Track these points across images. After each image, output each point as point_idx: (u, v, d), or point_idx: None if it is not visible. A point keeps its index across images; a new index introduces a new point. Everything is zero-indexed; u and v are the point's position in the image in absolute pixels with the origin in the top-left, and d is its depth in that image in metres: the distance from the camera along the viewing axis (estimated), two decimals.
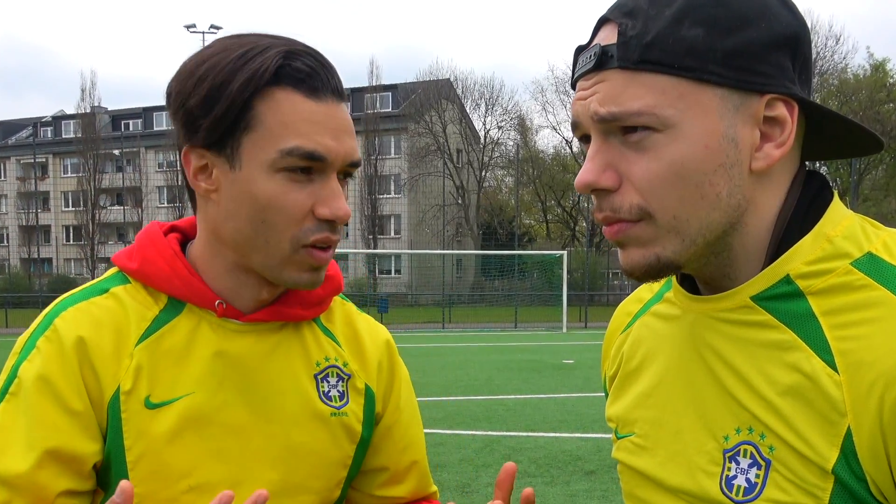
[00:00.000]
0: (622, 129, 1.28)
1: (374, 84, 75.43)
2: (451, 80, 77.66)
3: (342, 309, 1.92)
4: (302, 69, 1.55)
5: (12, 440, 1.52)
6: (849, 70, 65.34)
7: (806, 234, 1.32)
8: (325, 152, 1.54)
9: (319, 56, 1.61)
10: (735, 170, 1.29)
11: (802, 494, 1.24)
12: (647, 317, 1.63)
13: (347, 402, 1.80)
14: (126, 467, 1.58)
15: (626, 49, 1.25)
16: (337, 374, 1.80)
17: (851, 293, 1.25)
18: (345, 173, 1.63)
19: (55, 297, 1.76)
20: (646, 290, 1.68)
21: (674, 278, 1.53)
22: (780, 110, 1.28)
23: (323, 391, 1.77)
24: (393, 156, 75.21)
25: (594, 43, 1.31)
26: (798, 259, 1.30)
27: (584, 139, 1.37)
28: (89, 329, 1.60)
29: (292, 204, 1.55)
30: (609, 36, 1.29)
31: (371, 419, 1.85)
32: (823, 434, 1.23)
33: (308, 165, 1.55)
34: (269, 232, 1.57)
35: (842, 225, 1.32)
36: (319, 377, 1.77)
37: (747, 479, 1.31)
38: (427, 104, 73.20)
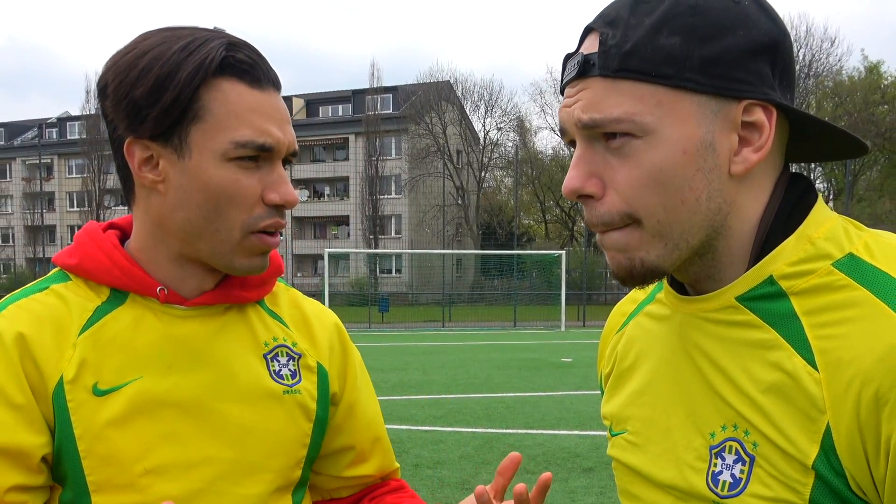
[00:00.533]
0: (604, 136, 1.30)
1: (374, 86, 75.38)
2: (451, 82, 77.68)
3: (287, 294, 1.93)
4: (245, 60, 1.57)
5: None
6: (843, 72, 65.26)
7: (789, 235, 1.33)
8: (273, 143, 1.58)
9: (256, 49, 1.64)
10: (714, 174, 1.30)
11: (784, 489, 1.26)
12: (641, 317, 1.64)
13: (300, 381, 1.80)
14: (79, 456, 1.57)
15: (606, 58, 1.28)
16: (287, 353, 1.81)
17: (832, 293, 1.27)
18: (285, 161, 1.66)
19: None
20: (640, 291, 1.67)
21: (665, 281, 1.54)
22: (758, 115, 1.30)
23: (273, 370, 1.77)
24: (393, 157, 75.12)
25: (579, 51, 1.34)
26: (781, 260, 1.32)
27: (572, 144, 1.39)
28: (29, 325, 1.60)
29: (244, 191, 1.57)
30: (592, 45, 1.32)
31: (326, 398, 1.86)
32: (804, 430, 1.25)
33: (255, 154, 1.57)
34: (220, 220, 1.59)
35: (824, 226, 1.33)
36: (269, 356, 1.78)
37: (732, 475, 1.33)
38: (427, 106, 73.11)
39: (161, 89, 1.52)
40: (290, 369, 1.80)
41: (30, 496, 1.56)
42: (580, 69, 1.32)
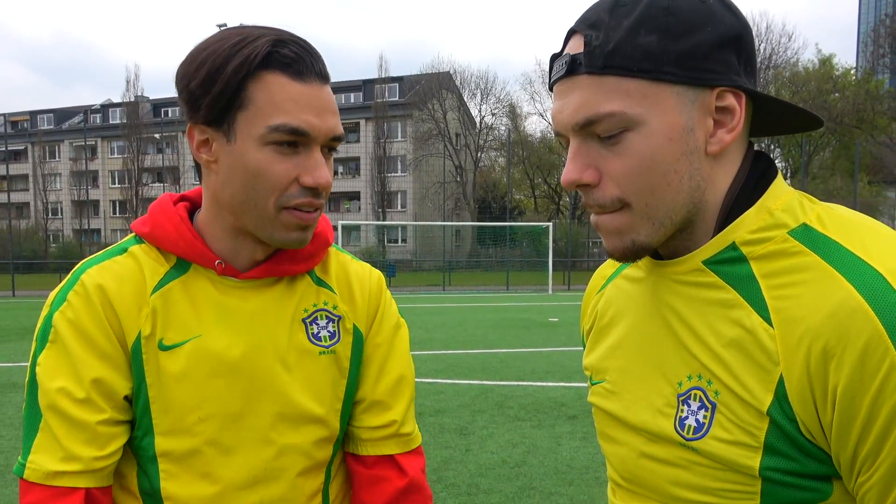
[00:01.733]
0: (594, 130, 1.31)
1: (382, 76, 75.76)
2: (451, 72, 77.71)
3: (337, 260, 1.92)
4: (288, 55, 1.56)
5: (60, 377, 1.59)
6: (800, 64, 66.21)
7: (751, 207, 1.35)
8: (308, 128, 1.57)
9: (305, 44, 1.63)
10: (694, 156, 1.31)
11: (742, 433, 1.27)
12: (619, 279, 1.65)
13: (338, 341, 1.81)
14: (149, 402, 1.63)
15: (591, 57, 1.28)
16: (326, 315, 1.82)
17: (787, 258, 1.29)
18: (328, 147, 1.66)
19: None
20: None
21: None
22: (730, 100, 1.31)
23: (312, 333, 1.78)
24: (399, 139, 75.52)
25: (565, 52, 1.35)
26: (743, 229, 1.34)
27: (566, 139, 1.39)
28: (111, 282, 1.65)
29: (277, 173, 1.58)
30: (577, 46, 1.32)
31: (359, 356, 1.86)
32: (760, 381, 1.26)
33: (293, 140, 1.57)
34: (257, 196, 1.60)
35: (782, 199, 1.35)
36: (307, 321, 1.79)
37: (696, 420, 1.34)
38: (429, 94, 73.22)
39: (212, 81, 1.55)
40: (328, 331, 1.81)
41: (118, 429, 1.63)
42: (568, 68, 1.32)
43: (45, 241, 72.71)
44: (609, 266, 1.75)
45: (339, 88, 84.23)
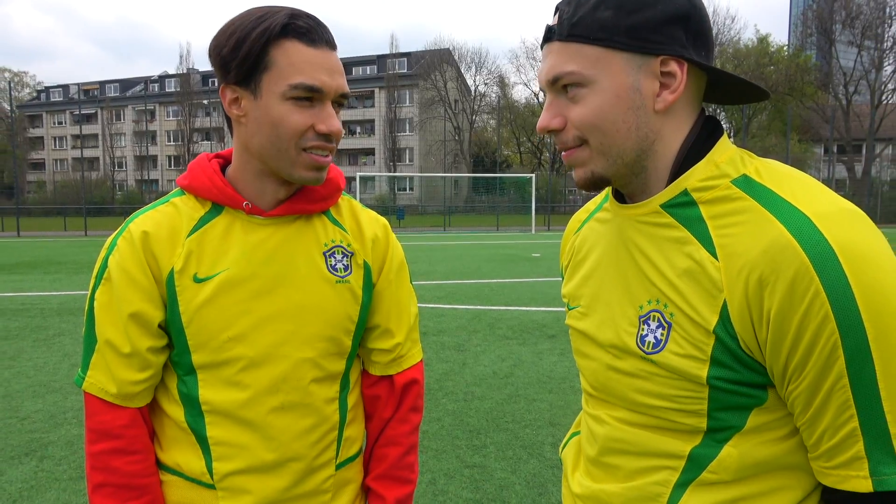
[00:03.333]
0: (564, 88, 1.36)
1: (393, 52, 76.97)
2: (451, 49, 78.07)
3: (348, 205, 1.92)
4: (302, 26, 1.58)
5: (110, 312, 1.65)
6: (741, 42, 66.37)
7: (700, 160, 1.37)
8: (321, 86, 1.58)
9: (316, 18, 1.64)
10: (641, 111, 1.34)
11: (693, 348, 1.31)
12: (592, 222, 1.67)
13: (350, 273, 1.81)
14: (183, 326, 1.65)
15: (560, 27, 1.34)
16: (342, 251, 1.82)
17: (730, 203, 1.31)
18: (338, 102, 1.66)
19: None
20: (591, 203, 1.74)
21: (610, 194, 1.56)
22: (672, 67, 1.32)
23: (330, 265, 1.79)
24: (408, 104, 76.10)
25: (546, 30, 1.40)
26: (693, 178, 1.36)
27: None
28: (152, 228, 1.67)
29: (297, 122, 1.59)
30: (556, 18, 1.38)
31: (370, 286, 1.86)
32: (708, 304, 1.29)
33: (309, 95, 1.58)
34: (280, 142, 1.61)
35: (726, 154, 1.37)
36: (327, 254, 1.79)
37: (655, 337, 1.38)
38: (433, 67, 73.68)
39: (240, 47, 1.57)
40: (343, 264, 1.81)
41: (154, 357, 1.68)
42: (546, 36, 1.38)
43: (112, 189, 72.87)
44: (583, 212, 1.76)
45: (357, 62, 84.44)
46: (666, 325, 1.37)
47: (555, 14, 1.40)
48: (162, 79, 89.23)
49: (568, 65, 1.34)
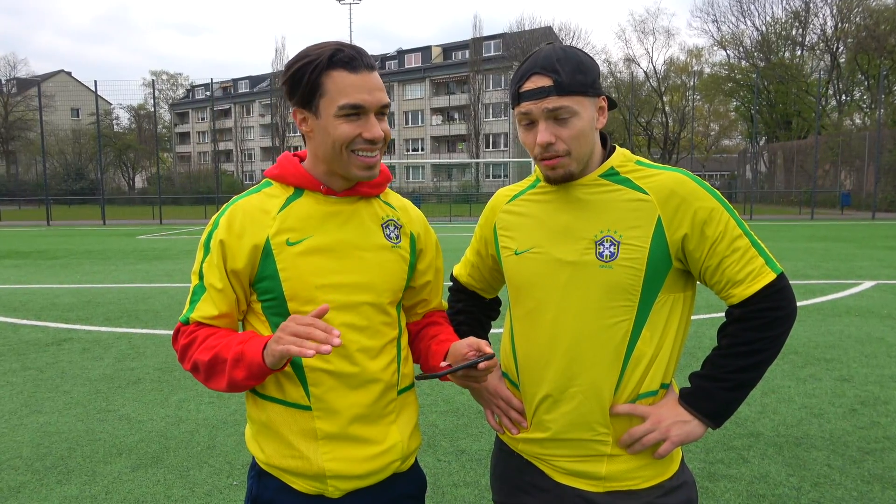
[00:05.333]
0: (555, 117, 1.99)
1: (479, 35, 74.94)
2: (552, 26, 75.85)
3: (395, 195, 2.36)
4: (344, 57, 1.96)
5: (215, 270, 2.05)
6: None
7: (612, 153, 2.15)
8: (363, 103, 1.97)
9: (356, 47, 2.01)
10: (593, 130, 2.07)
11: (638, 253, 2.01)
12: (526, 196, 2.27)
13: (401, 241, 2.23)
14: (280, 279, 2.04)
15: (560, 89, 1.97)
16: (394, 224, 2.23)
17: (639, 170, 2.10)
18: (381, 112, 2.03)
19: None
20: (517, 186, 2.36)
21: (542, 180, 2.22)
22: (603, 103, 2.09)
23: (386, 234, 2.19)
24: (503, 88, 72.34)
25: (538, 86, 1.99)
26: (614, 162, 2.12)
27: (530, 123, 2.07)
28: (248, 208, 2.09)
29: (346, 132, 1.98)
30: (545, 80, 1.98)
31: (415, 252, 2.29)
32: (646, 222, 2.02)
33: (355, 112, 1.97)
34: (336, 149, 2.01)
35: (625, 151, 2.16)
36: (383, 225, 2.20)
37: (609, 251, 2.03)
38: (531, 46, 68.02)
39: (301, 79, 1.99)
40: (395, 234, 2.22)
41: (243, 299, 2.10)
42: (545, 93, 1.97)
43: (242, 181, 79.04)
44: (508, 190, 2.37)
45: (452, 48, 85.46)
46: (617, 242, 2.01)
47: (530, 76, 2.00)
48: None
49: (565, 102, 1.96)
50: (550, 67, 1.96)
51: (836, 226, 31.77)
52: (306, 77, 1.97)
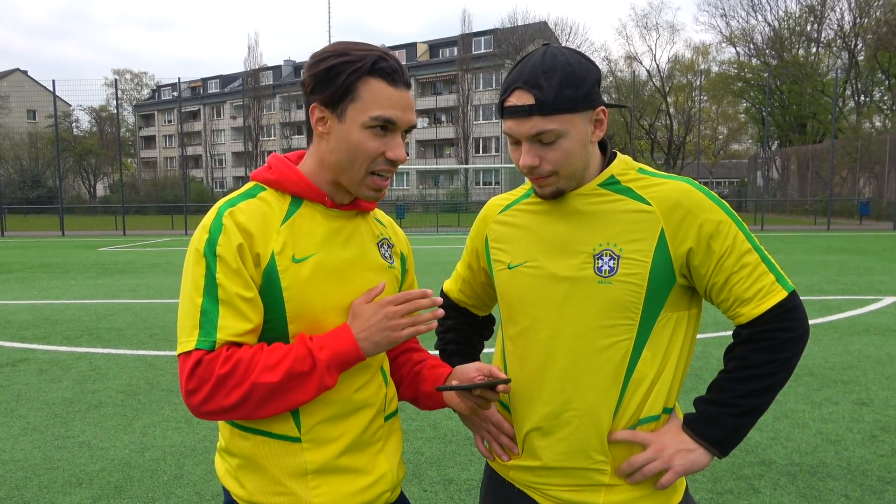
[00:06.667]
0: (540, 139, 1.99)
1: (468, 31, 74.74)
2: (546, 21, 76.23)
3: (379, 210, 2.39)
4: (387, 68, 1.98)
5: (237, 278, 1.92)
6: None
7: (613, 160, 2.14)
8: (396, 120, 1.99)
9: (399, 60, 2.04)
10: (587, 145, 2.05)
11: (639, 268, 2.01)
12: (518, 208, 2.29)
13: (394, 262, 2.27)
14: (283, 300, 1.98)
15: (542, 108, 1.94)
16: (387, 244, 2.27)
17: (642, 179, 2.10)
18: (405, 133, 2.07)
19: None
20: (511, 195, 2.38)
21: (533, 192, 2.22)
22: (600, 115, 2.05)
23: (382, 253, 2.23)
24: (494, 88, 72.39)
25: (521, 103, 1.98)
26: (614, 170, 2.12)
27: (515, 143, 2.07)
28: (247, 219, 1.98)
29: (370, 149, 1.99)
30: (525, 97, 1.97)
31: (404, 273, 2.35)
32: (649, 235, 2.02)
33: (385, 126, 1.99)
34: (354, 163, 2.01)
35: (626, 158, 2.16)
36: (379, 244, 2.24)
37: (609, 266, 2.02)
38: (524, 43, 71.05)
39: (334, 76, 1.97)
40: (389, 254, 2.27)
41: (256, 315, 1.97)
42: (527, 112, 1.96)
43: (211, 187, 78.93)
44: (501, 199, 2.39)
45: (439, 44, 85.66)
46: (617, 256, 2.01)
47: (513, 91, 1.99)
48: (256, 72, 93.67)
49: (549, 125, 1.94)
50: (534, 82, 1.95)
51: (854, 237, 31.87)
52: (343, 77, 1.96)
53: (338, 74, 1.96)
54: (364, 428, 2.12)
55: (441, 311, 1.95)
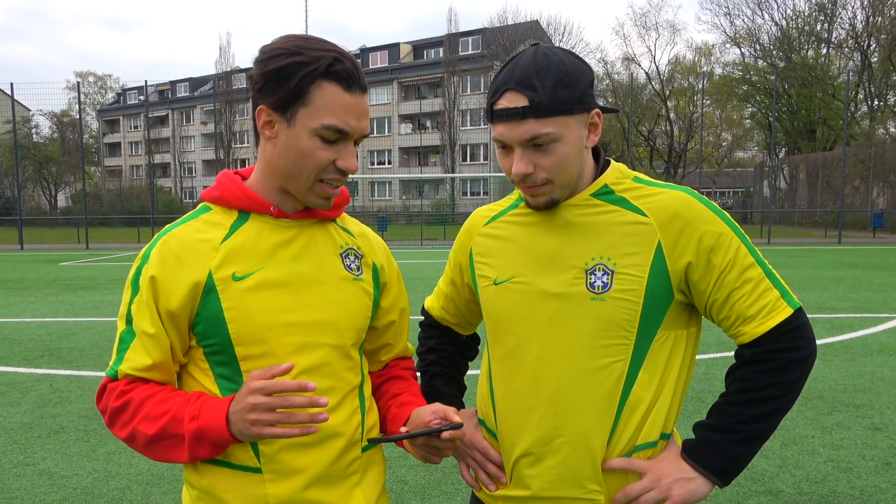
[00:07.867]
0: (534, 143, 1.97)
1: (454, 30, 74.80)
2: (538, 20, 75.64)
3: (350, 218, 2.36)
4: (342, 71, 1.95)
5: (145, 311, 1.98)
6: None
7: (606, 169, 2.14)
8: (349, 129, 1.97)
9: (356, 62, 2.01)
10: (581, 150, 2.04)
11: (635, 284, 2.00)
12: (504, 220, 2.27)
13: (362, 273, 2.23)
14: (226, 320, 1.98)
15: (536, 110, 1.93)
16: (354, 254, 2.23)
17: (637, 189, 2.09)
18: (357, 142, 2.05)
19: None
20: (496, 206, 2.38)
21: (522, 202, 2.21)
22: (595, 118, 2.05)
23: (346, 264, 2.19)
24: (482, 91, 69.01)
25: (513, 106, 1.96)
26: (608, 179, 2.12)
27: (505, 148, 2.06)
28: (184, 241, 2.03)
29: (320, 158, 1.98)
30: (518, 99, 1.95)
31: (378, 285, 2.29)
32: (645, 248, 2.01)
33: (336, 136, 1.97)
34: (302, 171, 2.00)
35: (620, 166, 2.16)
36: (343, 255, 2.19)
37: (602, 282, 2.02)
38: (514, 43, 70.37)
39: (284, 78, 1.93)
40: (356, 265, 2.22)
41: (178, 346, 2.03)
42: (521, 115, 1.95)
43: (180, 197, 78.46)
44: (487, 210, 2.38)
45: (424, 45, 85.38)
46: (611, 272, 2.01)
47: (504, 92, 1.97)
48: (228, 74, 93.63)
49: (544, 129, 1.93)
50: (527, 83, 1.94)
51: (867, 251, 32.09)
52: (295, 79, 1.93)
53: (289, 76, 1.93)
54: (334, 459, 2.09)
55: (326, 416, 1.82)
